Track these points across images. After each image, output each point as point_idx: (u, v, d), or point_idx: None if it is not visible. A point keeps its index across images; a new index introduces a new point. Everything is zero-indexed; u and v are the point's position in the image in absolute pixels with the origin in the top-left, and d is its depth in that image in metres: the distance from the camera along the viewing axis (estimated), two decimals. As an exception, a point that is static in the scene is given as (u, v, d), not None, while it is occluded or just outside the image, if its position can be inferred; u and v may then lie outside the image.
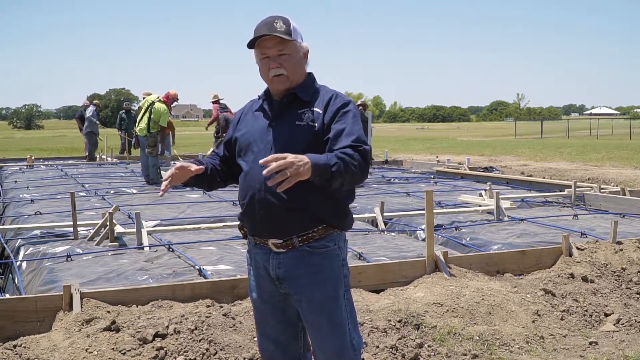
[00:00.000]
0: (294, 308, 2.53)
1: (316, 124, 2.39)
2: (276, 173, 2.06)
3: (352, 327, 2.50)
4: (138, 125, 10.83)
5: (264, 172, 2.08)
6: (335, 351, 2.45)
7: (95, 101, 19.19)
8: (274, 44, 2.38)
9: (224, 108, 14.85)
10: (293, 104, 2.45)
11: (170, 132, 15.80)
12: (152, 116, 10.65)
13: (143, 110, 10.78)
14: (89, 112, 17.44)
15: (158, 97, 10.80)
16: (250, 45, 2.42)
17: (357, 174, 2.28)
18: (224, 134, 14.86)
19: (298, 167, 2.07)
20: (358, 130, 2.36)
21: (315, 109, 2.41)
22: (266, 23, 2.39)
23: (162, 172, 11.20)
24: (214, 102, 15.19)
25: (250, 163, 2.44)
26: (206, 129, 16.73)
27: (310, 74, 2.53)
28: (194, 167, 2.44)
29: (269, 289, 2.51)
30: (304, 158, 2.11)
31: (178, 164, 2.44)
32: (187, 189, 10.38)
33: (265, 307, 2.55)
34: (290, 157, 2.08)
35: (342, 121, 2.37)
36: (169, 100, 11.01)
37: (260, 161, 2.11)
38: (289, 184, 2.07)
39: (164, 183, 2.42)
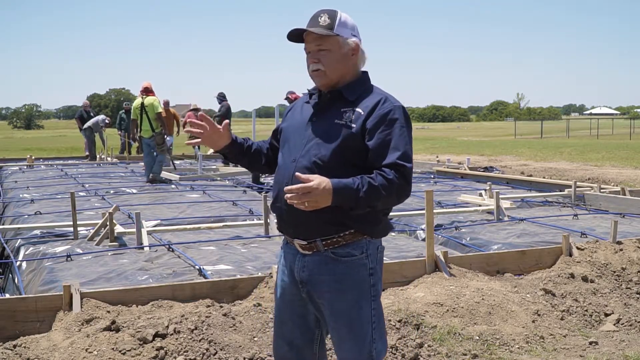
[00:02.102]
0: (312, 314, 2.47)
1: (354, 125, 2.28)
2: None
3: (376, 337, 2.40)
4: (141, 130, 10.87)
5: (287, 199, 2.12)
6: (351, 359, 2.40)
7: (85, 101, 19.75)
8: (312, 38, 2.35)
9: (223, 97, 14.98)
10: (337, 102, 2.37)
11: (175, 121, 16.19)
12: (149, 115, 10.70)
13: (139, 117, 10.84)
14: (101, 120, 17.94)
15: (142, 96, 10.87)
16: (290, 39, 2.41)
17: (392, 198, 2.22)
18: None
19: (316, 195, 2.09)
20: (405, 145, 2.24)
21: (358, 110, 2.31)
22: (312, 17, 2.37)
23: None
24: (190, 111, 16.14)
25: (284, 157, 2.40)
26: (177, 134, 16.98)
27: (364, 72, 2.45)
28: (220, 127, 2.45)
29: (291, 290, 2.46)
30: (327, 184, 2.11)
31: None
32: (188, 188, 10.42)
33: (284, 308, 2.50)
34: (314, 183, 2.09)
35: (388, 131, 2.25)
36: (150, 91, 11.05)
37: (286, 192, 2.13)
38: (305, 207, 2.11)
39: (193, 141, 2.49)
